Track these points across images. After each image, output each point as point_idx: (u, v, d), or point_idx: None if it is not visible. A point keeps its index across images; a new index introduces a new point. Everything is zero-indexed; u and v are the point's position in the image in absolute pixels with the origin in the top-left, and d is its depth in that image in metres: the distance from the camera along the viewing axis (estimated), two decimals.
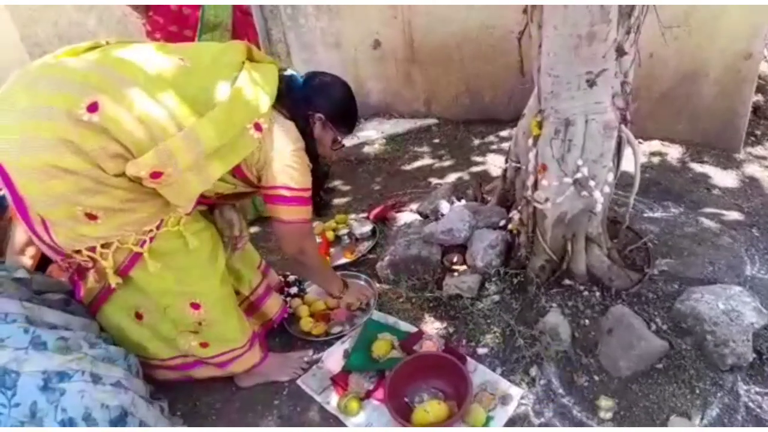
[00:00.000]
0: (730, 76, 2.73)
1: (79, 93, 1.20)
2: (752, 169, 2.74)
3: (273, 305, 1.91)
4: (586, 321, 1.77)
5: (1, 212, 1.72)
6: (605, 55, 1.56)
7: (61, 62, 1.27)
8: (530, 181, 1.83)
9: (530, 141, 1.82)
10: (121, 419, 1.34)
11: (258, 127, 1.41)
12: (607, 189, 1.76)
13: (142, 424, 1.40)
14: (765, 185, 2.59)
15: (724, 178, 2.67)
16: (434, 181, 2.96)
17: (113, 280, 1.41)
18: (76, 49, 1.32)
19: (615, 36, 1.55)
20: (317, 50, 4.08)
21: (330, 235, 2.51)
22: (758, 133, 3.02)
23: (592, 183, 1.71)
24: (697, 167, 2.79)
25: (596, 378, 1.64)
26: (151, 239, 1.39)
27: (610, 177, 1.75)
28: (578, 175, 1.71)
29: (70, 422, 1.22)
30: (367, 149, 3.49)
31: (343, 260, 2.34)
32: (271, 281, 2.01)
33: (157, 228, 1.39)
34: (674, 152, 2.94)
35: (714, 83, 2.80)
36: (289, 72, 1.61)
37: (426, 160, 3.28)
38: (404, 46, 3.72)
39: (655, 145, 3.00)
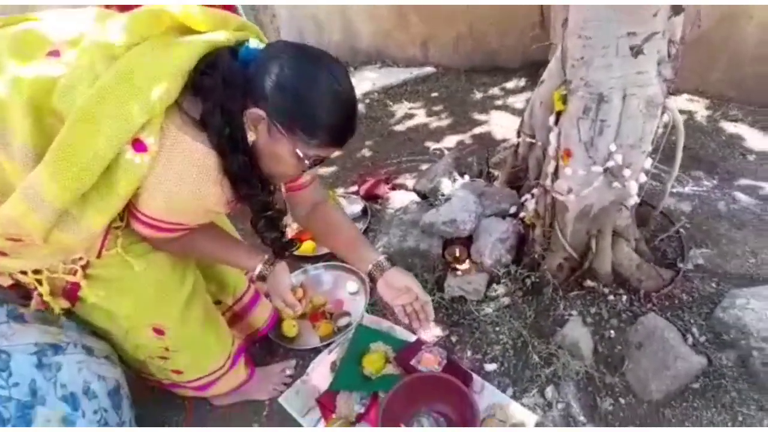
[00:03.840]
0: None
1: None
2: None
3: (260, 315, 1.63)
4: (612, 332, 1.52)
5: None
6: (657, 14, 1.21)
7: None
8: (550, 168, 1.52)
9: (551, 118, 1.49)
10: (116, 391, 1.31)
11: (140, 146, 0.90)
12: (643, 178, 1.45)
13: (129, 399, 1.38)
14: None
15: (761, 141, 2.36)
16: (432, 145, 2.63)
17: (56, 306, 1.15)
18: None
19: None
20: None
21: None
22: None
23: (626, 172, 1.40)
24: (730, 127, 2.46)
25: (622, 401, 1.41)
26: (84, 267, 1.11)
27: (648, 163, 1.44)
28: (610, 164, 1.39)
29: (72, 397, 1.18)
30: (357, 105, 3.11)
31: None
32: (261, 287, 1.72)
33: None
34: (703, 109, 2.60)
35: (757, 26, 2.41)
36: (252, 42, 0.96)
37: (422, 119, 2.92)
38: None
39: (682, 100, 2.65)
